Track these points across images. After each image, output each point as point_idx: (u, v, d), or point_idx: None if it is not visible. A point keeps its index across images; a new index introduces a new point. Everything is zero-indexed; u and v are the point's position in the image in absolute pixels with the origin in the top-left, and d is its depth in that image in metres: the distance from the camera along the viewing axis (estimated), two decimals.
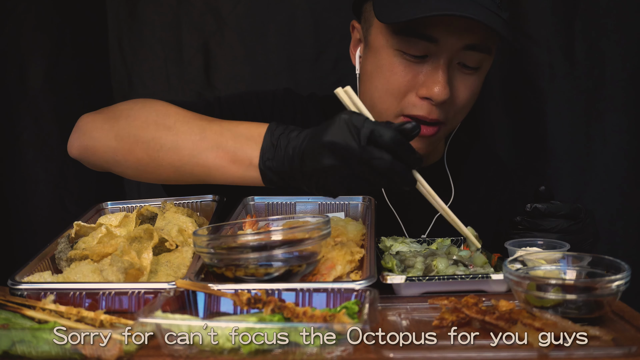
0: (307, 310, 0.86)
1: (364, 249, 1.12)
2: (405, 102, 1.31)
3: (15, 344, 0.83)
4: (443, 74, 1.27)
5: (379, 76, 1.33)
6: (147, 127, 1.18)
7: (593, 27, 1.79)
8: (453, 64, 1.30)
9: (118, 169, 1.23)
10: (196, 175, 1.15)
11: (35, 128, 1.83)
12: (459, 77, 1.31)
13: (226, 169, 1.11)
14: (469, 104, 1.36)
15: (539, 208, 1.24)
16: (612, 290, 0.91)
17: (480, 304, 0.95)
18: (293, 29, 1.87)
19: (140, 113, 1.21)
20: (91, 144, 1.23)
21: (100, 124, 1.23)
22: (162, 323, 0.83)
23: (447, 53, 1.27)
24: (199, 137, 1.13)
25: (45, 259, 1.11)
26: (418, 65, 1.29)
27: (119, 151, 1.19)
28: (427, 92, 1.28)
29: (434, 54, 1.28)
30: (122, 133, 1.19)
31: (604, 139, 1.82)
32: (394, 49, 1.30)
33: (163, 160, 1.15)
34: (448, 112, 1.33)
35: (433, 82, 1.28)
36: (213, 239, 1.02)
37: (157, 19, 1.89)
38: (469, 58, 1.29)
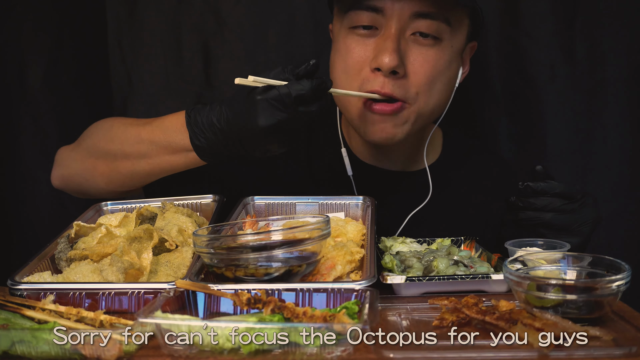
0: (307, 310, 0.86)
1: (364, 249, 1.12)
2: (361, 78, 1.31)
3: (15, 344, 0.83)
4: (391, 42, 1.27)
5: (337, 59, 1.35)
6: (99, 143, 1.33)
7: (593, 27, 1.79)
8: (406, 35, 1.29)
9: (91, 187, 1.36)
10: (153, 173, 1.28)
11: (35, 128, 1.83)
12: (414, 50, 1.30)
13: (171, 160, 1.24)
14: (434, 82, 1.32)
15: (532, 186, 1.23)
16: (613, 291, 0.91)
17: (480, 304, 0.95)
18: (293, 29, 1.87)
19: (95, 132, 1.37)
20: (65, 172, 1.40)
21: (69, 153, 1.40)
22: (162, 323, 0.83)
23: (395, 22, 1.27)
24: (136, 141, 1.27)
25: (45, 259, 1.11)
26: (369, 38, 1.31)
27: (86, 170, 1.34)
28: (375, 62, 1.28)
29: (382, 25, 1.29)
30: (84, 155, 1.35)
31: (604, 138, 1.82)
32: (346, 29, 1.33)
33: (120, 167, 1.29)
34: (407, 88, 1.30)
35: (381, 51, 1.27)
36: (213, 239, 1.02)
37: (157, 19, 1.88)
38: (421, 27, 1.29)
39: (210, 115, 1.15)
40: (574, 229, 1.24)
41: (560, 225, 1.24)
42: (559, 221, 1.23)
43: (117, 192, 1.37)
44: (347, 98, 1.35)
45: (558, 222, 1.23)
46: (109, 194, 1.37)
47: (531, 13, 1.80)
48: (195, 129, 1.16)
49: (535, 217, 1.24)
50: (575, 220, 1.24)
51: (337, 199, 1.34)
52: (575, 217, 1.24)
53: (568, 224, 1.24)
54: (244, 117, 1.10)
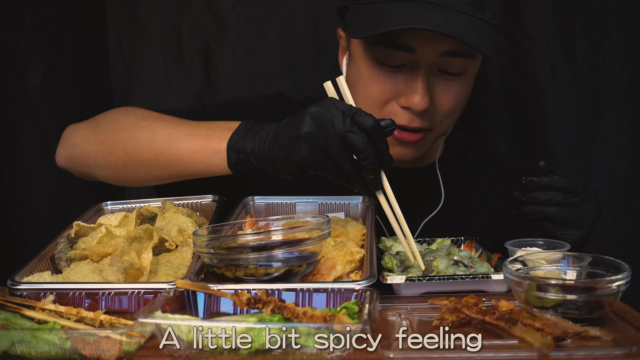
0: (307, 310, 0.86)
1: (364, 249, 1.12)
2: (386, 111, 1.31)
3: (15, 344, 0.83)
4: (422, 83, 1.27)
5: (360, 86, 1.33)
6: (125, 128, 1.26)
7: (593, 27, 1.79)
8: (434, 71, 1.29)
9: (100, 172, 1.29)
10: (171, 166, 1.20)
11: (35, 128, 1.83)
12: (441, 84, 1.30)
13: (196, 154, 1.16)
14: (456, 109, 1.35)
15: (534, 180, 1.24)
16: (613, 291, 0.91)
17: (480, 304, 0.95)
18: (293, 29, 1.87)
19: (120, 118, 1.30)
20: (74, 151, 1.32)
21: (82, 132, 1.33)
22: (162, 323, 0.83)
23: (425, 61, 1.26)
24: (174, 129, 1.20)
25: (45, 259, 1.11)
26: (397, 74, 1.29)
27: (100, 153, 1.27)
28: (406, 102, 1.28)
29: (411, 62, 1.27)
30: (102, 137, 1.28)
31: (605, 138, 1.82)
32: (372, 60, 1.30)
33: (140, 155, 1.22)
34: (433, 119, 1.32)
35: (412, 92, 1.27)
36: (213, 239, 1.01)
37: (157, 19, 1.89)
38: (449, 64, 1.28)
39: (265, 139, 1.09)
40: (576, 222, 1.25)
41: (564, 218, 1.25)
42: (562, 214, 1.24)
43: (122, 180, 1.31)
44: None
45: (561, 216, 1.24)
46: (114, 182, 1.32)
47: (531, 13, 1.80)
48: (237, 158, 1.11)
49: (539, 211, 1.25)
50: (578, 213, 1.25)
51: (337, 199, 1.34)
52: (578, 210, 1.25)
53: (571, 217, 1.25)
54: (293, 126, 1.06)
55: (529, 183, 1.24)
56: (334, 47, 1.64)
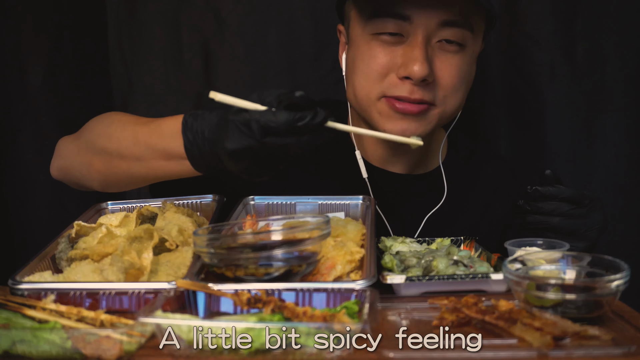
0: (307, 310, 0.86)
1: (364, 249, 1.12)
2: (386, 84, 1.31)
3: (15, 344, 0.83)
4: (420, 50, 1.27)
5: (359, 63, 1.33)
6: (97, 139, 1.25)
7: (593, 27, 1.79)
8: (432, 42, 1.29)
9: (89, 183, 1.29)
10: (148, 177, 1.20)
11: (34, 128, 1.83)
12: (441, 56, 1.30)
13: (167, 167, 1.15)
14: (458, 86, 1.33)
15: (540, 190, 1.23)
16: (612, 290, 0.91)
17: (480, 303, 0.95)
18: (293, 29, 1.87)
19: (94, 127, 1.30)
20: (63, 164, 1.33)
21: (69, 144, 1.33)
22: (162, 323, 0.83)
23: (422, 30, 1.27)
24: (133, 142, 1.18)
25: (46, 258, 1.11)
26: (395, 46, 1.30)
27: (83, 165, 1.27)
28: (405, 71, 1.28)
29: (409, 33, 1.28)
30: (82, 149, 1.28)
31: (604, 139, 1.82)
32: (370, 35, 1.31)
33: (116, 168, 1.21)
34: (435, 93, 1.31)
35: (411, 60, 1.27)
36: (213, 239, 1.02)
37: (157, 19, 1.89)
38: (448, 35, 1.29)
39: (203, 124, 1.07)
40: (581, 233, 1.24)
41: (568, 229, 1.24)
42: (567, 225, 1.23)
43: (110, 189, 1.30)
44: (366, 100, 1.34)
45: (565, 227, 1.23)
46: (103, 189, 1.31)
47: (531, 13, 1.80)
48: (189, 136, 1.08)
49: (543, 221, 1.24)
50: (582, 224, 1.24)
51: (337, 199, 1.34)
52: (583, 221, 1.24)
53: (575, 228, 1.24)
54: (217, 134, 1.03)
55: (534, 192, 1.23)
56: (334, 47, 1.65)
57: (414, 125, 1.32)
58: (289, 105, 0.98)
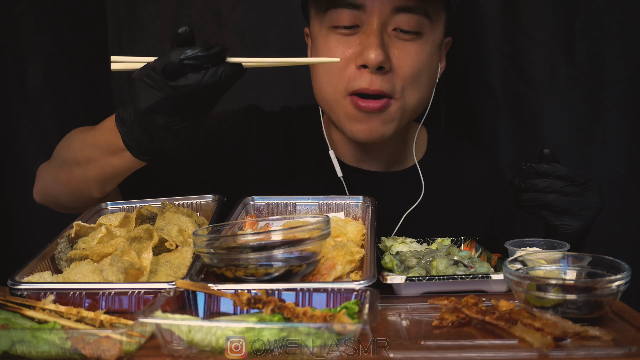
0: (307, 310, 0.86)
1: (364, 249, 1.12)
2: (346, 77, 1.31)
3: (15, 344, 0.83)
4: (375, 37, 1.27)
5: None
6: (59, 153, 1.32)
7: (593, 27, 1.79)
8: (388, 30, 1.30)
9: (64, 197, 1.33)
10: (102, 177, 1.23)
11: (34, 128, 1.83)
12: (397, 44, 1.30)
13: (113, 163, 1.18)
14: (417, 75, 1.33)
15: (534, 167, 1.24)
16: (612, 291, 0.91)
17: (480, 304, 0.95)
18: (293, 29, 1.87)
19: (59, 144, 1.34)
20: (41, 186, 1.37)
21: (44, 167, 1.38)
22: (162, 323, 0.83)
23: (376, 18, 1.28)
24: (83, 146, 1.24)
25: (45, 259, 1.11)
26: (351, 37, 1.31)
27: (54, 181, 1.32)
28: (361, 59, 1.28)
29: (364, 22, 1.29)
30: (51, 166, 1.34)
31: (604, 139, 1.82)
32: (327, 28, 1.32)
33: (77, 175, 1.26)
34: (393, 82, 1.31)
35: (366, 48, 1.27)
36: (213, 239, 1.01)
37: (157, 19, 1.89)
38: (403, 22, 1.29)
39: (129, 109, 1.07)
40: (575, 212, 1.25)
41: (562, 207, 1.24)
42: (561, 203, 1.24)
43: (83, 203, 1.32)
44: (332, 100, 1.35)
45: (559, 204, 1.24)
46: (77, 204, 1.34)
47: (531, 13, 1.80)
48: (122, 127, 1.08)
49: (537, 198, 1.25)
50: (577, 203, 1.24)
51: (337, 199, 1.33)
52: (577, 200, 1.24)
53: (570, 206, 1.24)
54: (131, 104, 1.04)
55: (528, 169, 1.24)
56: None
57: (378, 124, 1.33)
58: (180, 40, 1.03)
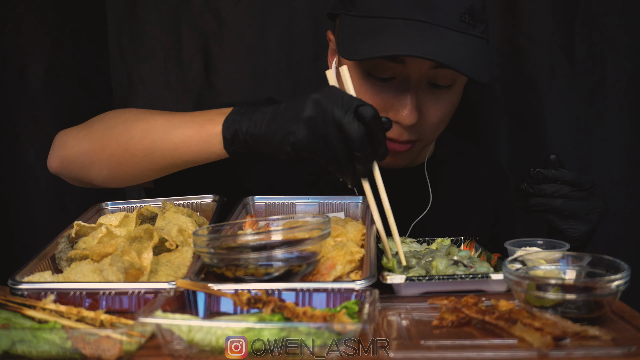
0: (307, 310, 0.86)
1: (364, 249, 1.12)
2: None
3: (15, 344, 0.83)
4: (411, 98, 1.27)
5: None
6: (117, 125, 1.24)
7: (593, 27, 1.79)
8: (423, 84, 1.29)
9: (93, 172, 1.26)
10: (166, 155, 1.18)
11: (35, 128, 1.83)
12: (430, 98, 1.30)
13: (192, 139, 1.14)
14: (444, 120, 1.35)
15: (543, 172, 1.25)
16: (612, 290, 0.91)
17: (480, 304, 0.95)
18: (293, 29, 1.87)
19: (112, 117, 1.28)
20: (66, 154, 1.29)
21: (74, 134, 1.30)
22: (162, 323, 0.83)
23: (414, 74, 1.26)
24: (167, 119, 1.19)
25: (46, 258, 1.11)
26: (386, 87, 1.29)
27: (92, 151, 1.24)
28: (395, 116, 1.28)
29: (401, 75, 1.27)
30: (94, 135, 1.26)
31: (604, 138, 1.82)
32: (362, 71, 1.29)
33: (134, 147, 1.19)
34: (421, 132, 1.33)
35: (401, 106, 1.27)
36: (213, 239, 1.02)
37: (157, 19, 1.89)
38: (439, 77, 1.28)
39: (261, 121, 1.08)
40: (582, 216, 1.27)
41: (570, 212, 1.26)
42: (568, 208, 1.26)
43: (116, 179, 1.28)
44: None
45: (567, 209, 1.26)
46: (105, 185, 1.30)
47: (531, 13, 1.80)
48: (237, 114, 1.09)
49: (545, 202, 1.26)
50: (584, 207, 1.27)
51: (337, 198, 1.34)
52: (584, 204, 1.27)
53: (577, 211, 1.26)
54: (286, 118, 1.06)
55: (537, 174, 1.26)
56: None
57: (401, 159, 1.37)
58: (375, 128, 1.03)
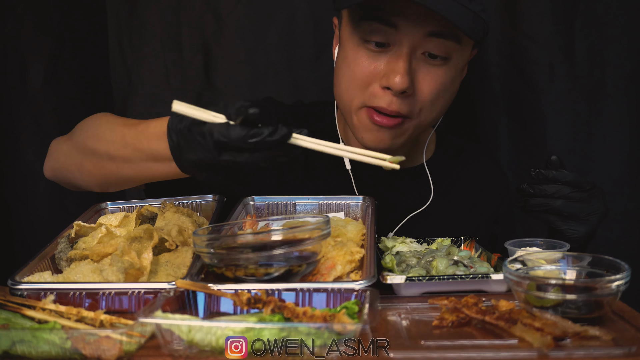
0: (307, 310, 0.86)
1: (364, 249, 1.12)
2: (368, 93, 1.31)
3: (15, 344, 0.83)
4: (403, 62, 1.27)
5: (345, 68, 1.34)
6: (87, 140, 1.25)
7: (593, 27, 1.79)
8: (417, 54, 1.29)
9: (81, 183, 1.29)
10: (138, 178, 1.20)
11: (35, 128, 1.83)
12: (424, 69, 1.30)
13: (155, 169, 1.14)
14: (438, 99, 1.33)
15: (543, 173, 1.26)
16: (612, 290, 0.91)
17: (480, 304, 0.95)
18: (293, 29, 1.87)
19: (84, 128, 1.30)
20: (55, 164, 1.34)
21: (61, 145, 1.34)
22: (162, 323, 0.83)
23: (408, 40, 1.27)
24: (122, 145, 1.18)
25: (45, 259, 1.11)
26: (380, 55, 1.30)
27: (75, 166, 1.28)
28: (386, 82, 1.28)
29: (395, 42, 1.28)
30: (73, 150, 1.29)
31: (604, 138, 1.82)
32: (358, 39, 1.31)
33: (106, 169, 1.21)
34: (412, 105, 1.31)
35: (393, 71, 1.27)
36: (213, 239, 1.02)
37: (157, 19, 1.89)
38: (434, 46, 1.28)
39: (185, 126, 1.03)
40: (582, 217, 1.27)
41: (569, 212, 1.26)
42: (568, 208, 1.26)
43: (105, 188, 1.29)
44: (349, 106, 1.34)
45: (567, 210, 1.26)
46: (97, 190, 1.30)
47: (531, 13, 1.80)
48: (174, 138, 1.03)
49: (545, 203, 1.26)
50: (583, 209, 1.27)
51: (337, 199, 1.34)
52: (584, 205, 1.27)
53: (577, 212, 1.26)
54: (182, 142, 1.02)
55: (538, 175, 1.26)
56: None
57: (390, 137, 1.34)
58: (247, 119, 0.94)
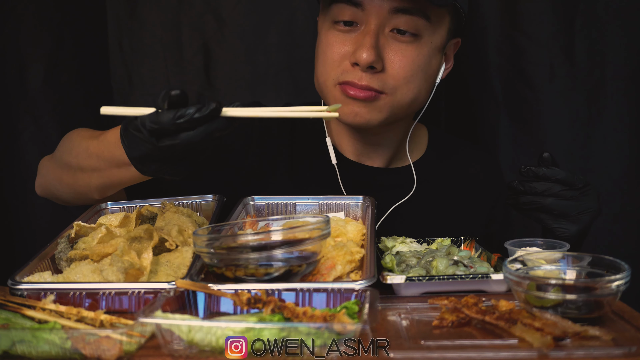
0: (307, 310, 0.86)
1: (364, 249, 1.12)
2: (340, 70, 1.35)
3: (15, 344, 0.83)
4: (369, 38, 1.30)
5: (320, 53, 1.39)
6: (62, 155, 1.32)
7: (593, 27, 1.79)
8: (385, 31, 1.32)
9: (65, 196, 1.36)
10: (108, 186, 1.24)
11: (35, 128, 1.83)
12: (393, 46, 1.33)
13: (120, 175, 1.18)
14: (410, 76, 1.34)
15: (533, 170, 1.25)
16: (612, 290, 0.91)
17: (480, 304, 0.95)
18: (293, 29, 1.88)
19: (62, 144, 1.35)
20: (42, 180, 1.40)
21: (46, 162, 1.41)
22: (162, 323, 0.83)
23: (374, 18, 1.30)
24: (87, 155, 1.23)
25: (45, 259, 1.11)
26: (349, 34, 1.34)
27: (56, 181, 1.34)
28: (354, 57, 1.32)
29: (362, 20, 1.32)
30: (53, 165, 1.36)
31: (604, 138, 1.82)
32: (329, 22, 1.36)
33: (80, 180, 1.27)
34: (383, 81, 1.33)
35: (359, 47, 1.31)
36: (213, 239, 1.02)
37: (157, 19, 1.89)
38: (400, 23, 1.31)
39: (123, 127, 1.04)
40: (572, 216, 1.26)
41: (559, 211, 1.26)
42: (558, 207, 1.25)
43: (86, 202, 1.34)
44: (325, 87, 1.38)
45: (557, 208, 1.25)
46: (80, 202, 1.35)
47: (531, 13, 1.80)
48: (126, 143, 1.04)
49: (535, 201, 1.26)
50: (574, 207, 1.26)
51: (337, 199, 1.34)
52: (575, 204, 1.26)
53: (567, 210, 1.26)
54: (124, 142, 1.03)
55: (528, 172, 1.26)
56: None
57: (364, 110, 1.35)
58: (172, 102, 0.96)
